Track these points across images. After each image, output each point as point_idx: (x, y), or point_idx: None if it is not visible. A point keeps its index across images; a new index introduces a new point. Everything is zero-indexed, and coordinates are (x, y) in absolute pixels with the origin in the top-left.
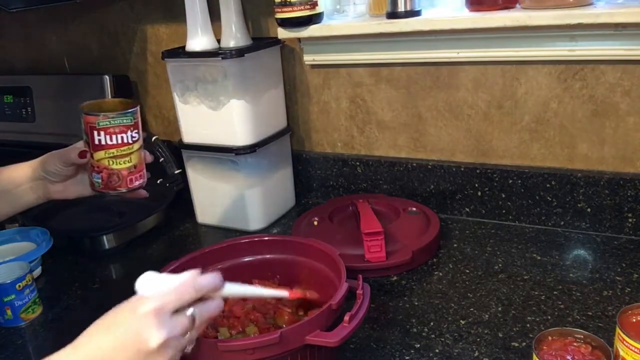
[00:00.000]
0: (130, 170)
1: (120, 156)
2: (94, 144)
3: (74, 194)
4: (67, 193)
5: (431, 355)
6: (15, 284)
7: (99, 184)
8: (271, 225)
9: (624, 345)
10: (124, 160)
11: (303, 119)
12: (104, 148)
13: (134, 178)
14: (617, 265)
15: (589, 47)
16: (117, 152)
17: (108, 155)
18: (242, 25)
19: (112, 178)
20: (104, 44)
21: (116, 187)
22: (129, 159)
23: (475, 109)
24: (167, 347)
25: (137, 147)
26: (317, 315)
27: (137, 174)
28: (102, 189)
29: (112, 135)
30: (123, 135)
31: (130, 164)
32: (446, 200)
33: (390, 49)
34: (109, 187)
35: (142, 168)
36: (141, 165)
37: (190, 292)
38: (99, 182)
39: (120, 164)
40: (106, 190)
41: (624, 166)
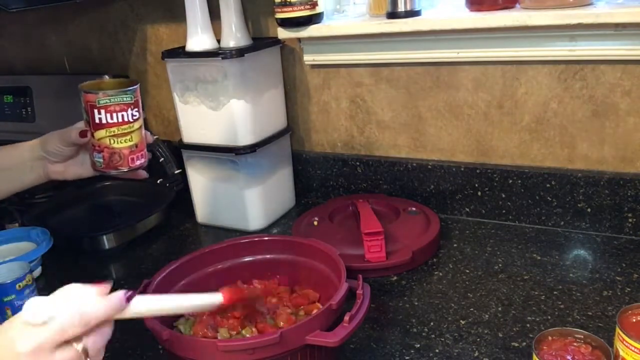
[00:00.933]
0: (131, 149)
1: (121, 135)
2: (95, 122)
3: (74, 175)
4: (67, 174)
5: (431, 355)
6: (15, 284)
7: (100, 164)
8: (271, 225)
9: (624, 345)
10: (125, 139)
11: (303, 119)
12: (104, 127)
13: (135, 157)
14: (617, 265)
15: (589, 47)
16: (118, 131)
17: (109, 134)
18: (242, 25)
19: (114, 157)
20: (104, 44)
21: (117, 166)
22: (130, 138)
23: (475, 109)
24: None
25: (138, 126)
26: (317, 315)
27: (139, 153)
28: (103, 168)
29: (112, 113)
30: (123, 113)
31: (131, 143)
32: (446, 200)
33: (390, 49)
34: (111, 167)
35: (144, 147)
36: (142, 144)
37: (75, 325)
38: (100, 161)
39: (122, 143)
40: (108, 169)
41: (624, 166)
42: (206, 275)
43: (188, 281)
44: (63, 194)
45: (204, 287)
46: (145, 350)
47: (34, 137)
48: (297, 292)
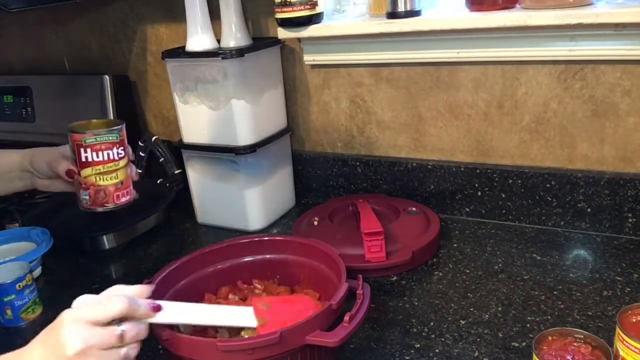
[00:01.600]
0: (117, 187)
1: (106, 172)
2: (81, 161)
3: (59, 189)
4: (53, 187)
5: (431, 355)
6: (15, 284)
7: (86, 201)
8: (271, 225)
9: (624, 345)
10: (110, 176)
11: (303, 119)
12: (90, 165)
13: (120, 194)
14: (617, 265)
15: (589, 47)
16: (104, 169)
17: (95, 171)
18: (242, 25)
19: (99, 194)
20: (104, 44)
21: (103, 204)
22: (115, 175)
23: (475, 109)
24: (86, 357)
25: (123, 164)
26: (317, 315)
27: (124, 190)
28: (89, 205)
29: (98, 152)
30: (109, 152)
31: (116, 180)
32: (446, 200)
33: (390, 49)
34: (97, 204)
35: (129, 185)
36: (128, 182)
37: (119, 305)
38: (86, 199)
39: (107, 180)
40: (94, 206)
41: (624, 166)
42: (206, 275)
43: (188, 281)
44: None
45: (204, 287)
46: (145, 350)
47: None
48: (297, 292)
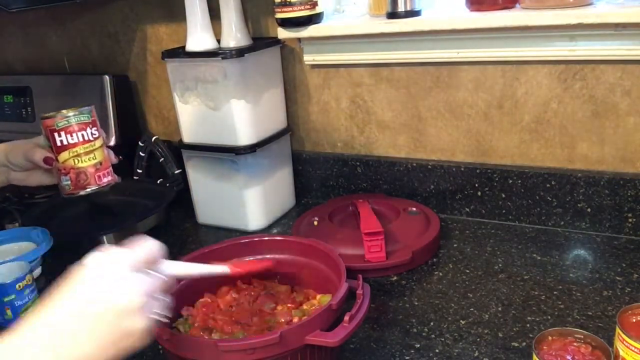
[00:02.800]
0: (96, 167)
1: (84, 154)
2: (57, 146)
3: (36, 182)
4: (29, 181)
5: (431, 355)
6: (15, 284)
7: (68, 186)
8: (271, 225)
9: (624, 345)
10: (88, 157)
11: (303, 119)
12: (67, 148)
13: (101, 175)
14: (617, 265)
15: (589, 47)
16: (81, 150)
17: (72, 154)
18: (242, 25)
19: (80, 177)
20: (104, 44)
21: (85, 186)
22: (93, 156)
23: (475, 109)
24: (146, 306)
25: (100, 144)
26: (317, 315)
27: (104, 171)
28: (72, 190)
29: (72, 133)
30: (83, 132)
31: (95, 161)
32: (446, 200)
33: (390, 49)
34: (79, 187)
35: (108, 166)
36: (107, 162)
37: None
38: (68, 184)
39: (86, 162)
40: (76, 190)
41: (624, 166)
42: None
43: (188, 281)
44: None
45: (204, 287)
46: (146, 350)
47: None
48: (297, 292)
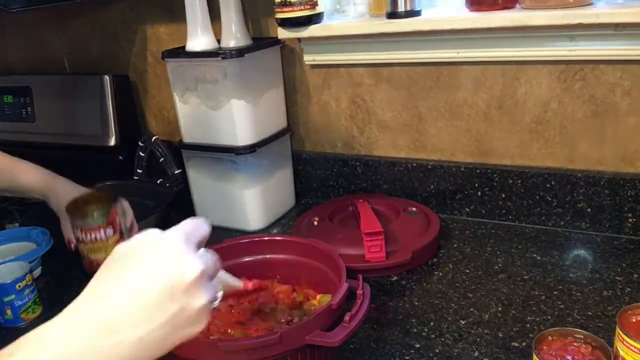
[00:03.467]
0: None
1: (97, 249)
2: (76, 237)
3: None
4: None
5: (431, 355)
6: (15, 284)
7: (85, 267)
8: (271, 225)
9: (624, 345)
10: (100, 252)
11: (303, 119)
12: (83, 242)
13: None
14: (617, 265)
15: (589, 47)
16: (94, 246)
17: (86, 248)
18: (242, 25)
19: (93, 264)
20: (104, 44)
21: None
22: (105, 251)
23: (475, 109)
24: (203, 284)
25: (113, 241)
26: (317, 315)
27: None
28: (88, 270)
29: (87, 233)
30: (97, 233)
31: (106, 254)
32: (446, 200)
33: (390, 49)
34: (92, 270)
35: None
36: None
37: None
38: (84, 264)
39: (98, 254)
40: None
41: (624, 166)
42: None
43: None
44: None
45: None
46: None
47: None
48: (297, 292)
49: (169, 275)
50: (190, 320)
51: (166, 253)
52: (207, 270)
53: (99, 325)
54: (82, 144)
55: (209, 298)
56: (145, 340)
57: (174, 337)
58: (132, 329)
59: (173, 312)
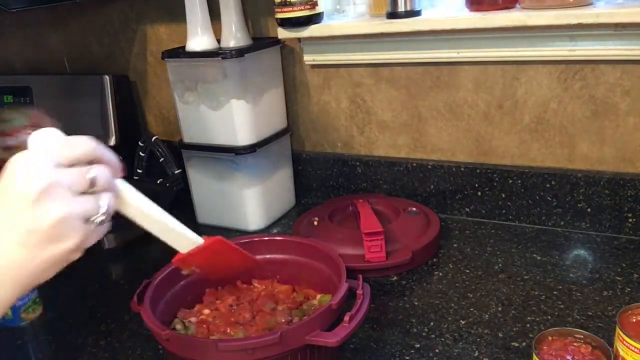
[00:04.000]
0: None
1: None
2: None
3: None
4: None
5: (431, 355)
6: None
7: None
8: (271, 225)
9: (624, 345)
10: None
11: (303, 119)
12: None
13: None
14: (617, 265)
15: (589, 47)
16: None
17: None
18: (242, 25)
19: None
20: (104, 44)
21: None
22: None
23: (475, 109)
24: (52, 198)
25: None
26: (317, 315)
27: None
28: None
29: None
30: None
31: None
32: (446, 200)
33: (390, 49)
34: None
35: None
36: None
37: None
38: None
39: None
40: None
41: (624, 166)
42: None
43: (188, 281)
44: None
45: (204, 287)
46: (145, 350)
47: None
48: (297, 292)
49: (16, 188)
50: (49, 236)
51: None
52: (57, 182)
53: None
54: None
55: (68, 210)
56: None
57: (36, 258)
58: None
59: (24, 226)
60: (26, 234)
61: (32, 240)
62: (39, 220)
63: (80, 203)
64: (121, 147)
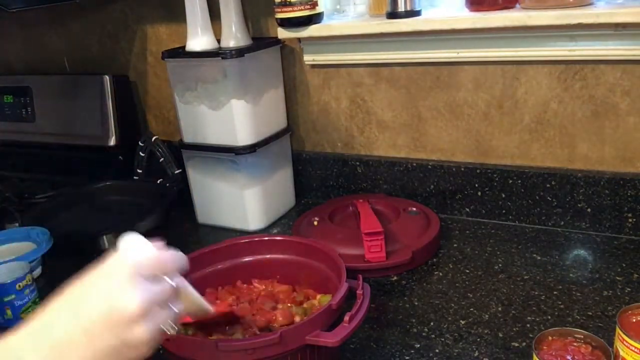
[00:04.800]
0: None
1: None
2: None
3: None
4: None
5: (431, 355)
6: (15, 284)
7: None
8: (271, 225)
9: (624, 345)
10: None
11: (303, 119)
12: None
13: None
14: (617, 265)
15: (589, 47)
16: None
17: None
18: (242, 25)
19: None
20: (104, 44)
21: None
22: None
23: (475, 109)
24: (148, 316)
25: None
26: (317, 315)
27: None
28: None
29: None
30: None
31: None
32: (446, 200)
33: (390, 49)
34: None
35: None
36: None
37: (172, 264)
38: None
39: None
40: None
41: (624, 166)
42: (206, 275)
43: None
44: (63, 194)
45: (204, 287)
46: None
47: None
48: (297, 292)
49: (109, 306)
50: (134, 349)
51: (107, 293)
52: (155, 300)
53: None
54: (82, 144)
55: (154, 329)
56: None
57: None
58: (77, 352)
59: (112, 343)
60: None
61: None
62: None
63: (164, 315)
64: (121, 147)
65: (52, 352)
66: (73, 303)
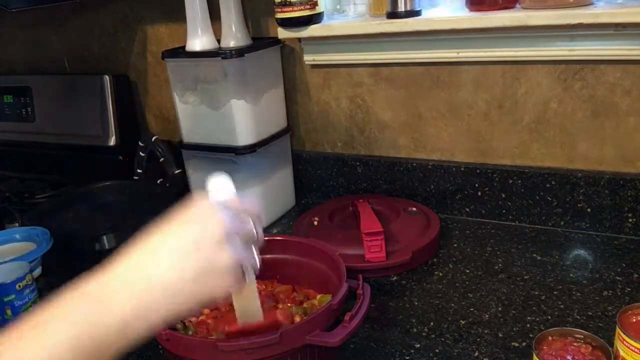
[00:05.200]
0: None
1: None
2: None
3: None
4: None
5: (431, 355)
6: (15, 284)
7: None
8: (271, 225)
9: (624, 345)
10: None
11: (303, 119)
12: None
13: None
14: (617, 265)
15: (589, 47)
16: None
17: None
18: (242, 25)
19: None
20: (104, 44)
21: None
22: None
23: (475, 109)
24: (232, 244)
25: None
26: (317, 315)
27: None
28: None
29: None
30: None
31: None
32: (446, 200)
33: (390, 49)
34: None
35: None
36: None
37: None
38: None
39: None
40: None
41: (624, 166)
42: None
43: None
44: (63, 194)
45: None
46: (145, 350)
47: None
48: (297, 292)
49: (199, 228)
50: (215, 276)
51: (198, 209)
52: (237, 230)
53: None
54: (82, 144)
55: (237, 257)
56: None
57: (200, 290)
58: (164, 274)
59: (200, 264)
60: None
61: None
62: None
63: (246, 253)
64: (121, 147)
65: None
66: (162, 231)
